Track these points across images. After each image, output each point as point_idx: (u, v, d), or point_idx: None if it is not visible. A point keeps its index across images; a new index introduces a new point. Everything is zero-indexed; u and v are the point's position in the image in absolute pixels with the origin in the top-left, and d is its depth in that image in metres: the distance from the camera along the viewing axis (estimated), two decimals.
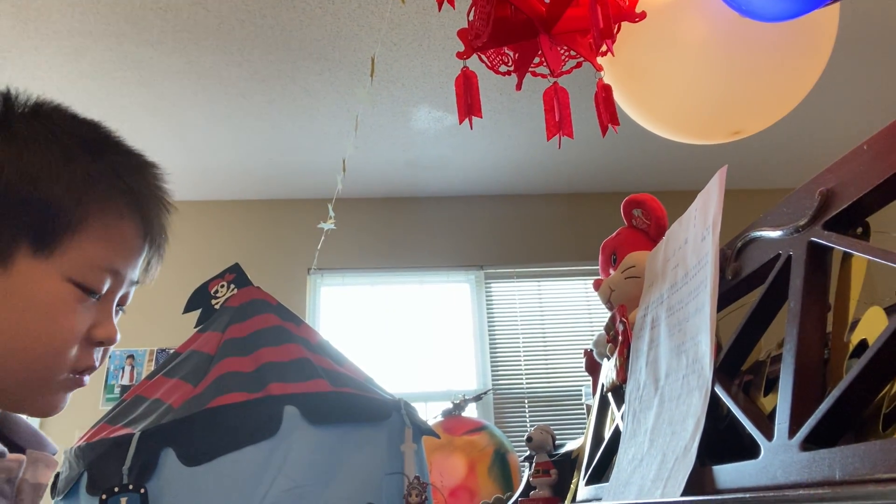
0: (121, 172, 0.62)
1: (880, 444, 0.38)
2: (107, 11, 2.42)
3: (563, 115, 0.79)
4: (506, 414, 3.66)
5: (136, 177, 0.64)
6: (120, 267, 0.62)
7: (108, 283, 0.61)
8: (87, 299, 0.59)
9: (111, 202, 0.60)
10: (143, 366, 3.48)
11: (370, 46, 2.64)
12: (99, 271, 0.60)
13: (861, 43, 2.83)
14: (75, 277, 0.58)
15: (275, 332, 1.63)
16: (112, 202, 0.60)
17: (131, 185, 0.62)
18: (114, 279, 0.61)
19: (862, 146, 0.51)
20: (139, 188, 0.63)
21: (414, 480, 1.40)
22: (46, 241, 0.57)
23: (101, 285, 0.60)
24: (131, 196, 0.62)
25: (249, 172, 3.64)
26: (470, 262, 3.92)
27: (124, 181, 0.62)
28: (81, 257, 0.58)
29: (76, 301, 0.58)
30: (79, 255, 0.58)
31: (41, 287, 0.57)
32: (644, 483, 0.68)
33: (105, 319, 0.62)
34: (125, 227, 0.62)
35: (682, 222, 0.81)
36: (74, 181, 0.58)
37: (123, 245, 0.62)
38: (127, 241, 0.62)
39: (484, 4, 0.78)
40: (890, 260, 0.45)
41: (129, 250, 0.62)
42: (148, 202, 0.64)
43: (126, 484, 1.26)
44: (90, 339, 0.61)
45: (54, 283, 0.57)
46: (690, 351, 0.69)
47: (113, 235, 0.61)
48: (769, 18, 0.71)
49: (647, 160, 3.70)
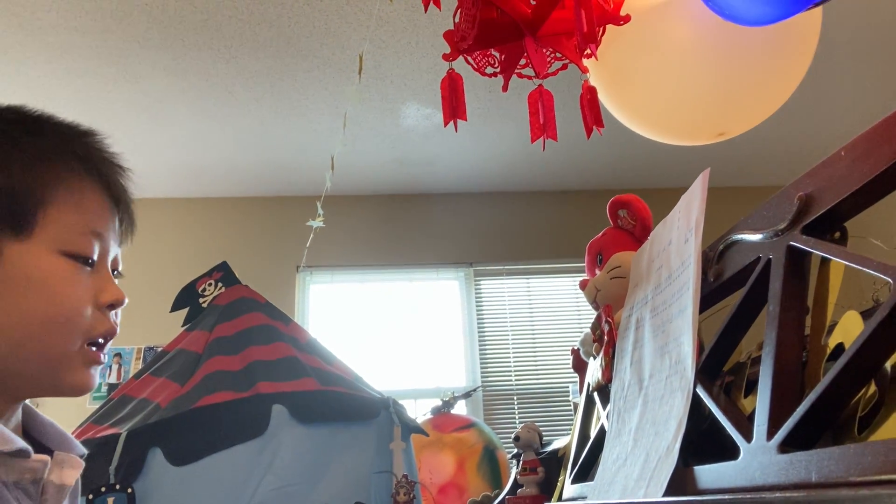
0: (67, 141, 0.64)
1: (854, 447, 0.39)
2: (92, 7, 2.40)
3: (547, 117, 0.79)
4: (495, 411, 3.67)
5: (82, 142, 0.66)
6: (99, 228, 0.63)
7: (96, 247, 0.62)
8: (82, 268, 0.61)
9: (68, 171, 0.62)
10: (130, 364, 3.46)
11: (358, 43, 2.64)
12: (82, 236, 0.61)
13: (843, 45, 2.85)
14: (65, 248, 0.60)
15: (263, 330, 1.63)
16: (69, 171, 0.62)
17: (79, 151, 0.64)
18: (99, 242, 0.63)
19: (839, 152, 0.51)
20: (88, 152, 0.65)
21: (402, 479, 1.41)
22: (23, 222, 0.58)
23: (90, 249, 0.62)
24: (84, 160, 0.64)
25: (237, 169, 3.63)
26: (459, 259, 3.92)
27: (72, 149, 0.64)
28: (61, 227, 0.60)
29: (73, 272, 0.60)
30: (57, 226, 0.60)
31: (34, 265, 0.58)
32: (628, 482, 0.69)
33: (107, 283, 0.64)
34: (88, 189, 0.64)
35: (667, 224, 0.82)
36: (28, 160, 0.60)
37: (93, 207, 0.64)
38: (95, 202, 0.64)
39: (469, 7, 0.78)
40: (865, 265, 0.46)
41: (101, 210, 0.64)
42: (101, 163, 0.66)
43: (113, 484, 1.26)
44: (99, 305, 0.62)
45: (45, 257, 0.59)
46: (673, 352, 0.70)
47: (81, 200, 0.62)
48: (752, 22, 0.72)
49: (636, 158, 3.72)
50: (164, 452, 1.32)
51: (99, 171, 0.65)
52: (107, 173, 0.66)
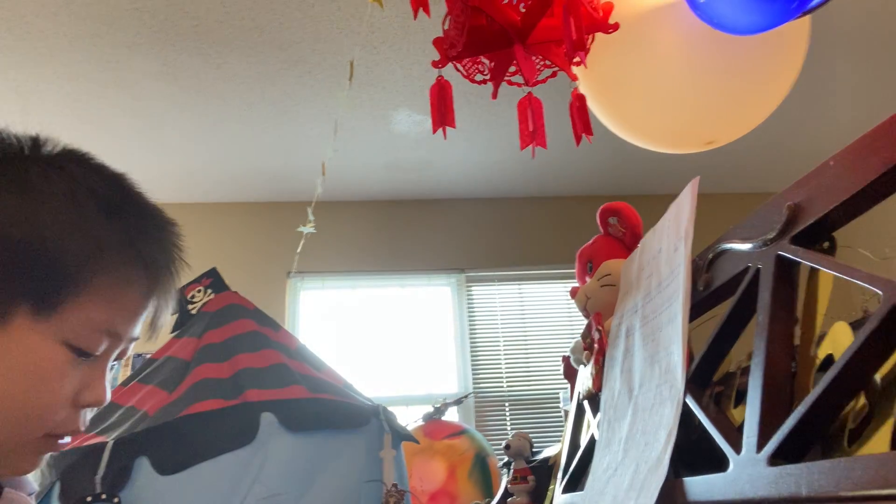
0: (135, 238, 0.59)
1: (845, 461, 0.39)
2: (81, 12, 2.39)
3: (536, 125, 0.79)
4: (486, 418, 3.66)
5: (151, 242, 0.61)
6: (120, 329, 0.58)
7: (104, 345, 0.57)
8: (78, 360, 0.56)
9: (121, 268, 0.57)
10: (118, 372, 3.43)
11: (349, 49, 2.63)
12: (97, 334, 0.56)
13: (832, 53, 2.87)
14: (71, 340, 0.55)
15: (252, 337, 1.61)
16: (122, 268, 0.58)
17: (143, 253, 0.59)
18: (111, 340, 0.58)
19: (828, 162, 0.51)
20: (152, 255, 0.60)
21: (392, 487, 1.39)
22: (48, 304, 0.53)
23: (96, 347, 0.57)
24: (142, 263, 0.59)
25: (227, 175, 3.61)
26: (451, 265, 3.92)
27: (137, 248, 0.59)
28: (81, 321, 0.55)
29: (68, 364, 0.55)
30: (79, 318, 0.55)
31: (36, 351, 0.53)
32: (618, 493, 0.68)
33: (96, 381, 0.58)
34: (131, 292, 0.59)
35: (656, 232, 0.81)
36: (86, 244, 0.55)
37: (126, 309, 0.59)
38: (130, 305, 0.59)
39: (459, 14, 0.78)
40: (854, 276, 0.46)
41: (131, 313, 0.59)
42: (159, 269, 0.61)
43: (99, 493, 1.24)
44: (77, 403, 0.57)
45: (49, 346, 0.54)
46: (663, 361, 0.69)
47: (117, 299, 0.57)
48: (740, 31, 0.72)
49: (627, 164, 3.73)
50: (152, 461, 1.31)
51: (150, 276, 0.60)
52: (157, 278, 0.61)
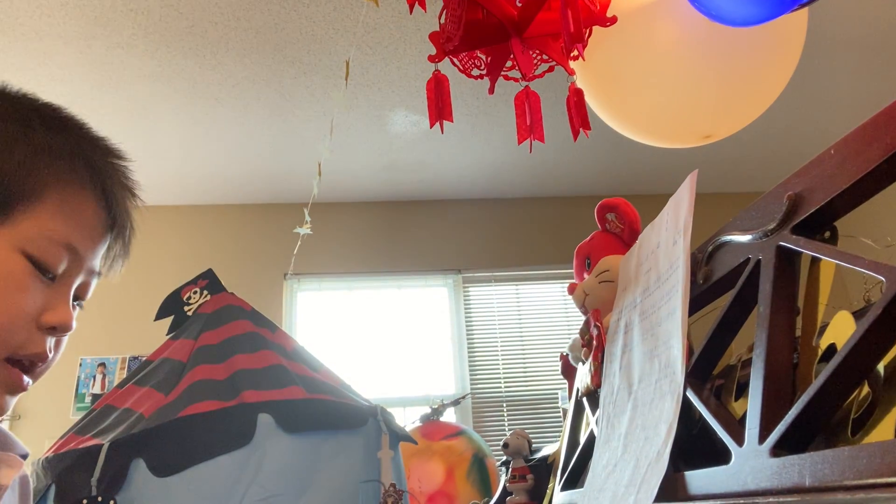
0: (83, 147, 0.59)
1: (849, 450, 0.38)
2: (76, 13, 2.38)
3: (534, 119, 0.78)
4: (484, 418, 3.65)
5: (100, 154, 0.61)
6: (78, 244, 0.57)
7: (64, 262, 0.56)
8: (39, 277, 0.55)
9: (71, 175, 0.57)
10: (114, 374, 3.42)
11: (345, 50, 2.63)
12: (55, 246, 0.55)
13: (830, 47, 2.88)
14: (28, 249, 0.54)
15: (249, 338, 1.61)
16: (72, 176, 0.57)
17: (94, 161, 0.59)
18: (71, 259, 0.57)
19: (829, 150, 0.51)
20: (102, 165, 0.60)
21: (390, 488, 1.39)
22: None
23: (56, 262, 0.56)
24: (93, 172, 0.59)
25: (223, 176, 3.60)
26: (448, 266, 3.91)
27: (86, 156, 0.59)
28: (36, 229, 0.54)
29: (28, 276, 0.54)
30: (33, 226, 0.54)
31: None
32: (618, 489, 0.68)
33: (59, 303, 0.56)
34: (85, 202, 0.58)
35: (655, 226, 0.81)
36: (32, 151, 0.55)
37: (82, 222, 0.58)
38: (86, 218, 0.58)
39: (455, 7, 0.77)
40: (856, 264, 0.45)
41: (89, 229, 0.59)
42: (112, 181, 0.61)
43: (95, 496, 1.23)
44: (40, 324, 0.55)
45: (5, 253, 0.53)
46: (663, 355, 0.69)
47: (72, 210, 0.57)
48: (738, 23, 0.71)
49: (624, 164, 3.73)
50: (148, 463, 1.30)
51: (103, 187, 0.59)
52: (112, 191, 0.60)
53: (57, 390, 3.30)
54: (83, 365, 3.40)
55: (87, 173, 0.58)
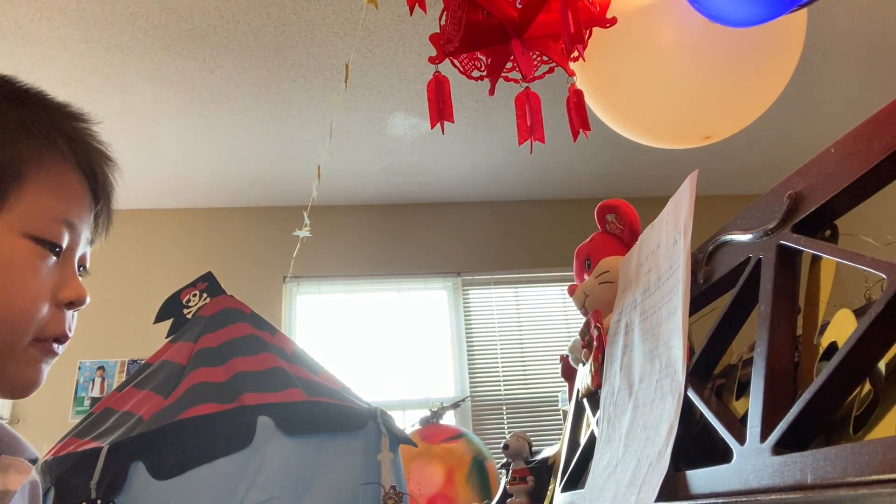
0: (54, 118, 0.59)
1: (851, 447, 0.38)
2: (75, 17, 2.38)
3: (534, 119, 0.78)
4: (484, 421, 3.65)
5: (71, 122, 0.61)
6: (73, 218, 0.58)
7: (66, 237, 0.58)
8: (47, 256, 0.56)
9: (50, 149, 0.57)
10: (113, 377, 3.41)
11: (345, 53, 2.63)
12: (54, 223, 0.56)
13: (829, 48, 2.88)
14: (31, 231, 0.55)
15: (248, 341, 1.60)
16: (52, 150, 0.58)
17: (66, 130, 0.60)
18: (70, 233, 0.58)
19: (829, 149, 0.51)
20: (76, 133, 0.60)
21: (390, 490, 1.39)
22: None
23: (59, 238, 0.57)
24: (68, 141, 0.59)
25: (222, 179, 3.60)
26: (447, 269, 3.91)
27: (59, 127, 0.59)
28: (32, 209, 0.55)
29: (37, 258, 0.55)
30: (29, 207, 0.55)
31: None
32: (619, 489, 0.67)
33: (71, 278, 0.58)
34: (69, 174, 0.59)
35: (655, 227, 0.81)
36: (7, 132, 0.55)
37: (71, 194, 0.59)
38: (74, 189, 0.59)
39: (455, 9, 0.77)
40: (858, 262, 0.45)
41: (77, 200, 0.59)
42: (86, 147, 0.61)
43: (94, 499, 1.23)
44: (58, 302, 0.57)
45: (10, 239, 0.54)
46: (663, 355, 0.69)
47: (59, 184, 0.58)
48: (738, 24, 0.71)
49: (623, 167, 3.73)
50: (147, 466, 1.30)
51: (80, 154, 0.60)
52: (89, 157, 0.61)
53: (56, 394, 3.30)
54: (82, 368, 3.39)
55: (66, 144, 0.59)
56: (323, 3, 2.40)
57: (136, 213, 3.72)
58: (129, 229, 3.66)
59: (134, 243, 3.67)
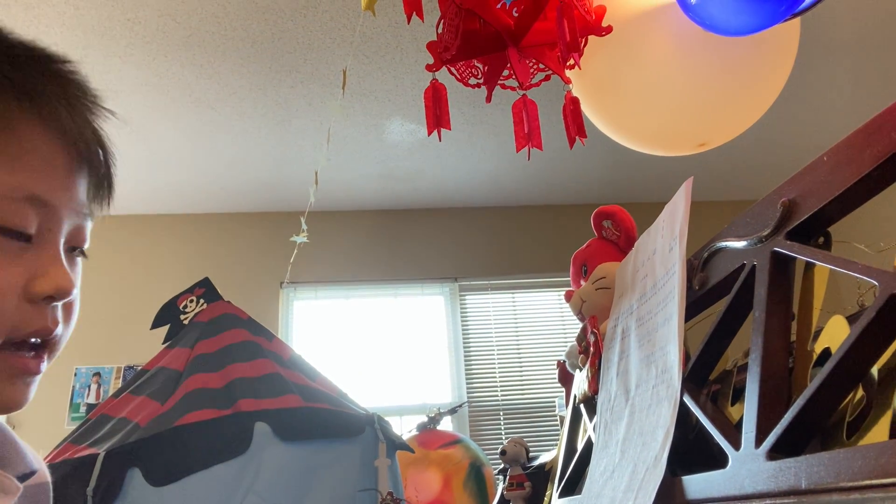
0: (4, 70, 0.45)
1: (844, 452, 0.38)
2: (73, 24, 2.39)
3: (531, 126, 0.79)
4: (481, 427, 3.65)
5: (34, 69, 0.47)
6: (43, 193, 0.46)
7: (34, 219, 0.45)
8: (10, 244, 0.44)
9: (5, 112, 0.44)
10: (109, 384, 3.40)
11: (342, 59, 2.64)
12: (14, 203, 0.44)
13: (823, 54, 2.90)
14: None
15: (245, 347, 1.60)
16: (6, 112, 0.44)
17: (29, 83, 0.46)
18: (43, 212, 0.46)
19: (822, 157, 0.52)
20: (42, 84, 0.47)
21: (387, 496, 1.38)
22: None
23: (23, 221, 0.44)
24: (33, 97, 0.46)
25: (220, 185, 3.60)
26: (444, 274, 3.91)
27: (14, 79, 0.45)
28: None
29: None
30: None
31: None
32: (616, 494, 0.68)
33: (49, 266, 0.46)
34: (35, 139, 0.46)
35: (651, 233, 0.82)
36: None
37: (39, 163, 0.46)
38: (44, 156, 0.46)
39: (452, 17, 0.78)
40: (850, 269, 0.46)
41: (50, 170, 0.46)
42: (61, 100, 0.47)
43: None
44: (31, 296, 0.45)
45: None
46: (659, 361, 0.69)
47: (21, 153, 0.45)
48: (731, 33, 0.72)
49: (620, 172, 3.75)
50: (144, 473, 1.29)
51: (55, 113, 0.46)
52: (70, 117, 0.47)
53: (51, 400, 3.29)
54: (78, 374, 3.38)
55: (26, 101, 0.45)
56: (321, 9, 2.41)
57: (133, 218, 3.72)
58: (126, 235, 3.66)
59: (131, 249, 3.67)
